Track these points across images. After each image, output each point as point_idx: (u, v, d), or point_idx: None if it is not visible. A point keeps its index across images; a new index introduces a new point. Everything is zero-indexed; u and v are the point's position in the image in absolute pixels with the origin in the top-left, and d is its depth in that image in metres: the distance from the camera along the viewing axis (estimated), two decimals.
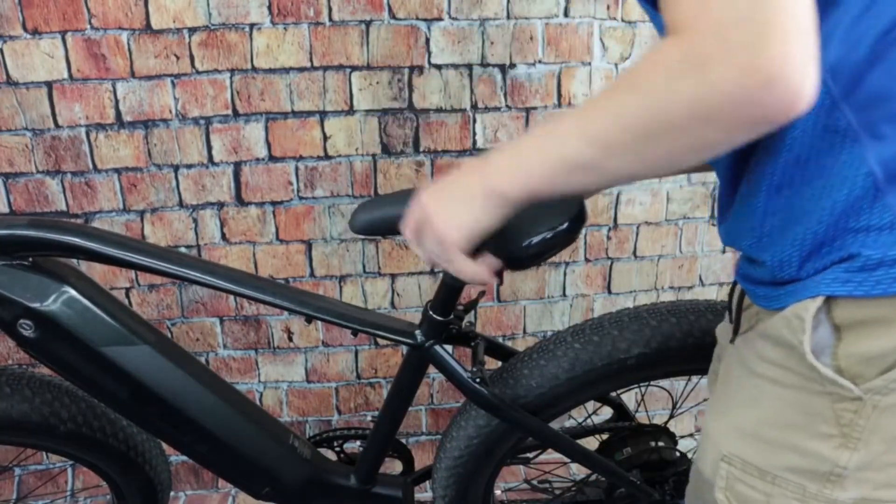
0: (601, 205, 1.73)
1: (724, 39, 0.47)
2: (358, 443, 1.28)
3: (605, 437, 1.26)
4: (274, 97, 1.56)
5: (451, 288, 1.01)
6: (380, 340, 1.79)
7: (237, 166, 1.60)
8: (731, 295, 0.82)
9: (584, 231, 1.74)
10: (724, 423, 0.72)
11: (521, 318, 1.82)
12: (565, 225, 0.85)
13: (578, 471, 1.71)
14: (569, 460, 1.16)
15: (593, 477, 1.32)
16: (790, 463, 0.65)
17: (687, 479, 1.22)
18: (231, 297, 1.71)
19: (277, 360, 1.79)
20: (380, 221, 0.92)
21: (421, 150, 1.63)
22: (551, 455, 1.24)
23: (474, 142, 1.63)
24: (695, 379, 1.30)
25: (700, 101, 0.49)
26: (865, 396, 0.59)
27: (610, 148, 0.55)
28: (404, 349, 1.10)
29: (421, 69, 1.57)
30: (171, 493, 1.78)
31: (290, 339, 1.77)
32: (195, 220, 1.64)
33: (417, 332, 1.05)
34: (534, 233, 0.85)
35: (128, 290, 1.69)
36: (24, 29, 1.45)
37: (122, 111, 1.54)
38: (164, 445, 1.20)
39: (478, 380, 1.04)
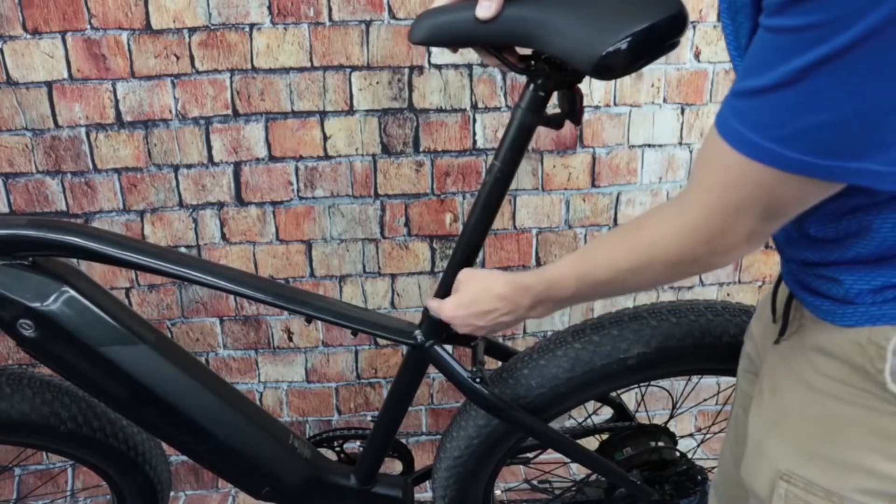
0: (601, 205, 1.73)
1: None
2: (358, 443, 1.28)
3: (605, 437, 1.26)
4: (274, 97, 1.56)
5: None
6: (380, 340, 1.79)
7: (237, 166, 1.60)
8: (774, 294, 0.80)
9: (583, 231, 1.75)
10: (781, 440, 0.70)
11: None
12: (660, 22, 0.74)
13: (578, 471, 1.71)
14: (569, 460, 1.16)
15: (593, 477, 1.32)
16: (861, 485, 0.63)
17: (687, 479, 1.23)
18: (231, 297, 1.71)
19: (277, 360, 1.79)
20: (453, 26, 0.82)
21: (421, 149, 1.63)
22: (551, 455, 1.24)
23: (474, 142, 1.63)
24: (695, 379, 1.30)
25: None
26: None
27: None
28: (404, 349, 1.10)
29: (421, 69, 1.57)
30: (171, 493, 1.78)
31: (290, 339, 1.77)
32: (195, 220, 1.64)
33: (417, 332, 1.05)
34: (620, 35, 0.75)
35: (128, 290, 1.69)
36: (24, 29, 1.45)
37: (122, 111, 1.54)
38: (164, 445, 1.20)
39: (478, 380, 1.04)
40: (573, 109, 0.91)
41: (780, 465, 0.69)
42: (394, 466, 1.32)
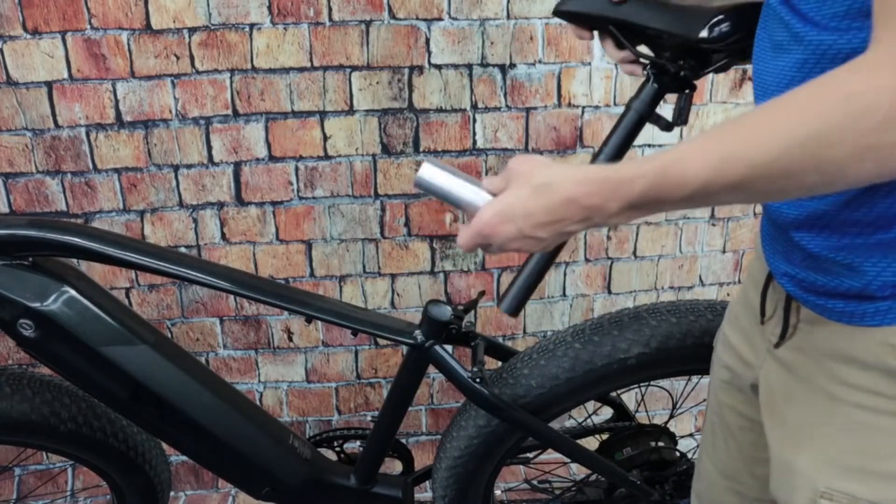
0: None
1: None
2: (358, 443, 1.28)
3: (605, 437, 1.26)
4: (274, 97, 1.56)
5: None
6: (380, 340, 1.79)
7: (237, 166, 1.60)
8: (763, 295, 0.76)
9: (583, 232, 1.74)
10: (812, 456, 0.67)
11: (521, 318, 1.82)
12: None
13: (578, 471, 1.71)
14: (569, 460, 1.16)
15: (593, 477, 1.32)
16: None
17: (687, 479, 1.23)
18: (231, 297, 1.71)
19: (277, 360, 1.79)
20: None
21: (421, 149, 1.63)
22: (551, 455, 1.24)
23: (474, 142, 1.63)
24: (695, 379, 1.30)
25: None
26: None
27: None
28: (404, 349, 1.10)
29: (421, 69, 1.57)
30: (171, 493, 1.78)
31: (290, 339, 1.77)
32: (195, 220, 1.64)
33: (417, 332, 1.05)
34: (711, 17, 0.76)
35: (128, 290, 1.69)
36: (24, 29, 1.45)
37: (122, 111, 1.54)
38: (164, 445, 1.20)
39: (478, 380, 1.04)
40: (682, 112, 0.90)
41: (818, 484, 0.66)
42: (394, 466, 1.32)
